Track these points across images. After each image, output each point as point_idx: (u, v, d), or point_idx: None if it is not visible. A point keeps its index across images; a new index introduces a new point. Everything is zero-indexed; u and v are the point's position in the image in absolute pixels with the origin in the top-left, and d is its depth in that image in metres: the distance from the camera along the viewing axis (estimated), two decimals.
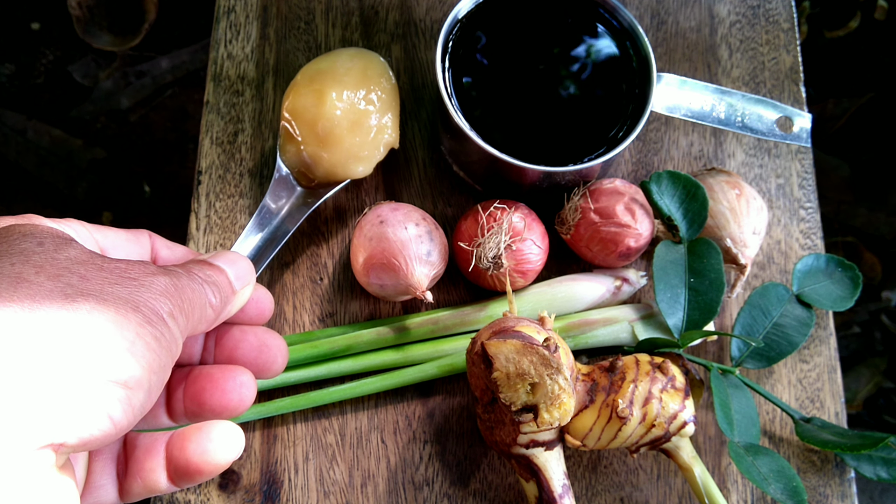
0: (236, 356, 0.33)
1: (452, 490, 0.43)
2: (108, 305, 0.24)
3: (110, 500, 0.29)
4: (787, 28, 0.54)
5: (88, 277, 0.25)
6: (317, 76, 0.44)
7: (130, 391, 0.23)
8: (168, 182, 1.07)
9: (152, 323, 0.25)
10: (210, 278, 0.29)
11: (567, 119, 0.44)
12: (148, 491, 0.29)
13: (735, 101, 0.45)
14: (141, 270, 0.26)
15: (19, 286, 0.23)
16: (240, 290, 0.31)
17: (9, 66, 1.09)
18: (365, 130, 0.43)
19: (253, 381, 0.32)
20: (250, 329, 0.34)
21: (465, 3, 0.44)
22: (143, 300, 0.25)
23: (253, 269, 0.33)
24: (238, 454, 0.28)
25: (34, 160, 1.06)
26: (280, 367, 0.34)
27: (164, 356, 0.25)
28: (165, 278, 0.27)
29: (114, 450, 0.29)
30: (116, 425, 0.23)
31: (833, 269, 0.46)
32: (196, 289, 0.28)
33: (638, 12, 0.53)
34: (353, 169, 0.43)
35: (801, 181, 0.51)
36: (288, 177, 0.43)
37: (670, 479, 0.44)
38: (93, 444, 0.23)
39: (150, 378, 0.24)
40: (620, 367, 0.39)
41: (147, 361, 0.24)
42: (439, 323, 0.44)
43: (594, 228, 0.43)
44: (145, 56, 1.10)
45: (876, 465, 0.42)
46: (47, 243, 0.25)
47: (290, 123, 0.43)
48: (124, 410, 0.23)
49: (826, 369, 0.47)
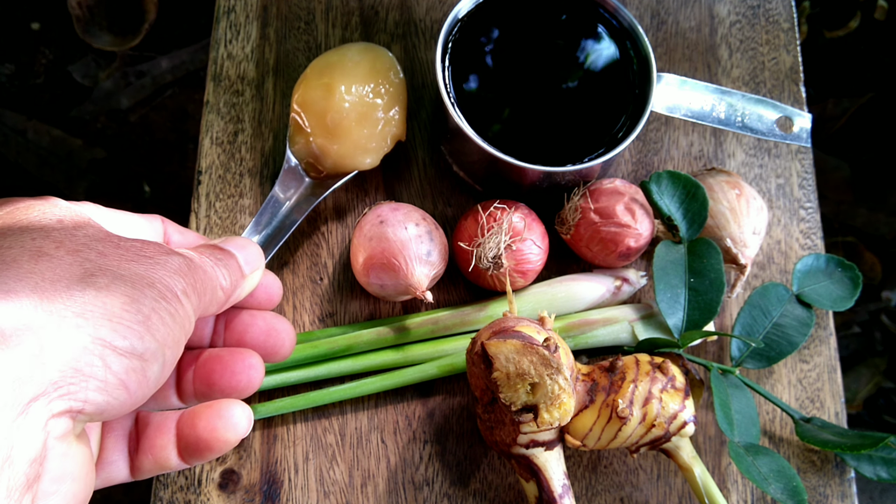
0: (245, 340, 0.34)
1: (452, 490, 0.43)
2: (125, 281, 0.24)
3: (121, 476, 0.29)
4: (787, 28, 0.54)
5: (106, 254, 0.25)
6: (326, 69, 0.44)
7: (146, 363, 0.24)
8: (168, 182, 1.07)
9: (167, 299, 0.25)
10: (221, 261, 0.30)
11: (567, 119, 0.44)
12: (159, 467, 0.29)
13: (735, 101, 0.45)
14: (156, 249, 0.27)
15: (40, 259, 0.24)
16: (249, 273, 0.32)
17: (9, 66, 1.09)
18: (373, 123, 0.43)
19: (261, 364, 0.32)
20: (259, 314, 0.34)
21: (465, 3, 0.44)
22: (158, 277, 0.26)
23: (262, 255, 0.34)
24: (247, 432, 0.29)
25: (34, 160, 1.06)
26: (288, 351, 0.35)
27: (178, 332, 0.26)
28: (179, 258, 0.27)
29: (126, 427, 0.30)
30: (132, 395, 0.24)
31: (833, 269, 0.46)
32: (207, 271, 0.29)
33: (638, 12, 0.53)
34: (361, 160, 0.44)
35: (801, 181, 0.51)
36: (297, 168, 0.44)
37: (670, 479, 0.44)
38: (109, 414, 0.24)
39: (164, 352, 0.25)
40: (620, 367, 0.39)
41: (162, 335, 0.25)
42: (439, 323, 0.44)
43: (594, 228, 0.43)
44: (145, 56, 1.10)
45: (876, 465, 0.42)
46: (66, 221, 0.26)
47: (299, 115, 0.44)
48: (139, 381, 0.24)
49: (826, 369, 0.47)
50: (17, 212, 0.26)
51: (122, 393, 0.24)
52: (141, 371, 0.24)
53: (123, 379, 0.23)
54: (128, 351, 0.23)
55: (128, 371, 0.23)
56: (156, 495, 0.41)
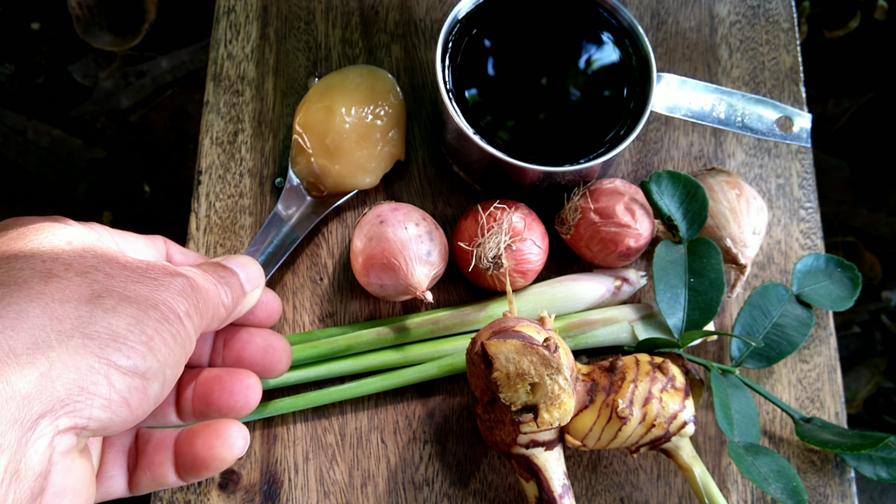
0: (244, 357, 0.35)
1: (452, 490, 0.43)
2: (131, 302, 0.26)
3: (119, 491, 0.30)
4: (787, 28, 0.54)
5: (113, 275, 0.26)
6: (327, 92, 0.46)
7: (147, 382, 0.25)
8: (168, 182, 1.07)
9: (169, 321, 0.26)
10: (223, 279, 0.31)
11: (567, 119, 0.44)
12: (156, 484, 0.30)
13: (735, 101, 0.45)
14: (161, 271, 0.28)
15: (50, 281, 0.25)
16: (250, 291, 0.33)
17: (9, 66, 1.09)
18: (372, 143, 0.45)
19: (258, 384, 0.34)
20: (257, 331, 0.36)
21: (465, 3, 0.44)
22: (162, 299, 0.27)
23: (262, 273, 0.35)
24: (242, 452, 0.30)
25: (34, 160, 1.06)
26: (284, 368, 0.37)
27: (179, 352, 0.27)
28: (182, 279, 0.28)
29: (126, 443, 0.31)
30: (133, 412, 0.25)
31: (833, 269, 0.46)
32: (210, 289, 0.30)
33: (638, 12, 0.53)
34: (361, 180, 0.45)
35: (801, 181, 0.51)
36: (299, 187, 0.45)
37: (670, 479, 0.44)
38: (111, 430, 0.25)
39: (165, 371, 0.26)
40: (620, 367, 0.39)
41: (164, 355, 0.26)
42: (439, 323, 0.44)
43: (594, 228, 0.43)
44: (145, 56, 1.10)
45: (876, 465, 0.42)
46: (75, 243, 0.27)
47: (301, 137, 0.45)
48: (140, 399, 0.25)
49: (826, 369, 0.47)
50: (28, 233, 0.27)
51: (125, 410, 0.24)
52: (142, 389, 0.25)
53: (126, 397, 0.24)
54: (131, 370, 0.24)
55: (130, 389, 0.24)
56: (156, 495, 0.41)
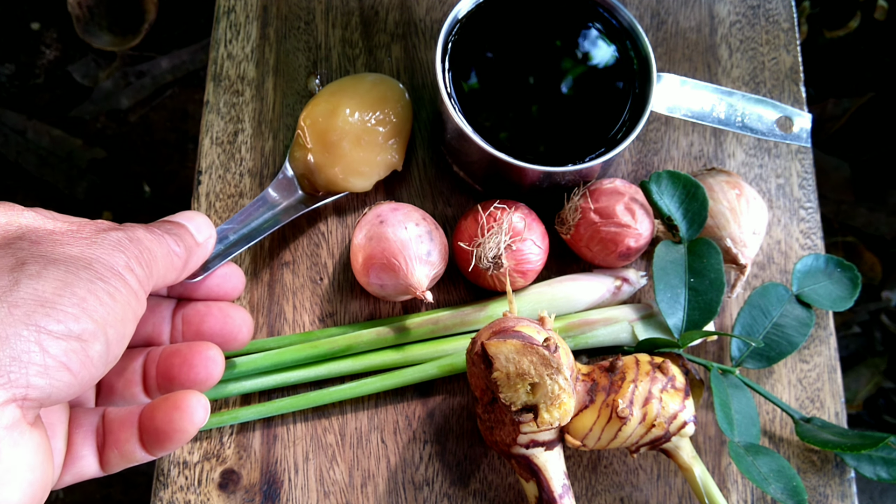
0: (203, 330, 0.35)
1: (452, 490, 0.43)
2: (58, 265, 0.25)
3: (92, 471, 0.30)
4: (787, 28, 0.54)
5: (40, 241, 0.26)
6: (337, 91, 0.46)
7: (86, 343, 0.25)
8: (168, 182, 1.07)
9: (104, 278, 0.26)
10: (170, 230, 0.31)
11: (567, 119, 0.44)
12: (126, 461, 0.30)
13: (735, 101, 0.45)
14: (92, 229, 0.27)
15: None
16: (203, 240, 0.33)
17: (9, 66, 1.09)
18: (370, 148, 0.45)
19: (220, 356, 0.33)
20: (214, 304, 0.36)
21: (465, 3, 0.44)
22: (95, 256, 0.26)
23: (211, 224, 0.35)
24: (203, 422, 0.29)
25: (34, 160, 1.06)
26: (246, 337, 0.36)
27: (121, 309, 0.26)
28: (118, 233, 0.28)
29: (93, 423, 0.30)
30: (76, 376, 0.24)
31: (833, 269, 0.46)
32: (156, 239, 0.29)
33: (638, 12, 0.53)
34: (353, 182, 0.45)
35: (801, 181, 0.51)
36: (292, 179, 0.45)
37: (670, 479, 0.44)
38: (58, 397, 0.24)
39: (106, 331, 0.25)
40: (620, 367, 0.39)
41: (101, 315, 0.25)
42: (439, 323, 0.44)
43: (594, 228, 0.43)
44: (145, 56, 1.10)
45: (876, 465, 0.42)
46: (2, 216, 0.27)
47: (303, 131, 0.45)
48: (82, 362, 0.24)
49: (826, 369, 0.47)
50: None
51: (65, 374, 0.24)
52: (82, 351, 0.24)
53: (64, 361, 0.24)
54: (64, 334, 0.24)
55: (67, 353, 0.24)
56: (156, 495, 0.41)
